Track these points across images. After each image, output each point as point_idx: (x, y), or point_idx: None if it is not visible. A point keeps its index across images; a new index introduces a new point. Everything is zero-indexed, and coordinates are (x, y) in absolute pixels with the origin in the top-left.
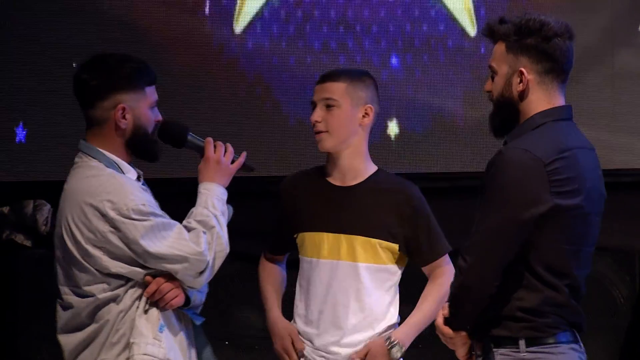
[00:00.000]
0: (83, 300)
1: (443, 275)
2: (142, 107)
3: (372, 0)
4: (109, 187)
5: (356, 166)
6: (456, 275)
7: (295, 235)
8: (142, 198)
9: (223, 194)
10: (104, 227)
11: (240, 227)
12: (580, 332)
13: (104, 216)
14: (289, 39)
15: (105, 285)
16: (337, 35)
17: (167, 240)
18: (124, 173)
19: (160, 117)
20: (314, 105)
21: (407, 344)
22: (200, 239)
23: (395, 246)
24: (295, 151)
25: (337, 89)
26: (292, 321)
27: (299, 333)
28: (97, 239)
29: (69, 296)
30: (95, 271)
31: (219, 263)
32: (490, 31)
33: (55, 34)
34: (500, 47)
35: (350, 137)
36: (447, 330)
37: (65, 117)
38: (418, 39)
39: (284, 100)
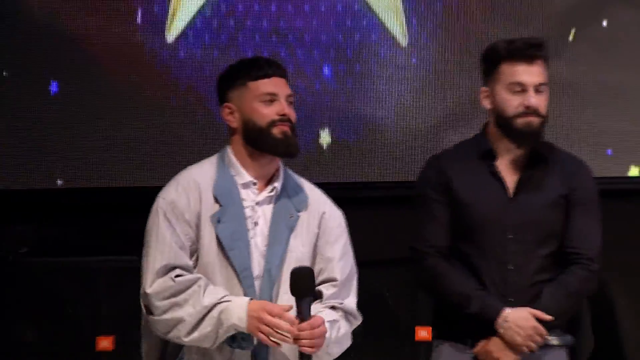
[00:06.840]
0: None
1: None
2: (247, 101)
3: (304, 10)
4: (171, 181)
5: None
6: (590, 280)
7: None
8: (175, 195)
9: (240, 321)
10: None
11: None
12: None
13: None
14: (221, 48)
15: None
16: (269, 45)
17: (146, 250)
18: (232, 175)
19: (285, 110)
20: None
21: None
22: (163, 284)
23: None
24: None
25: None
26: None
27: None
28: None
29: None
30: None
31: (164, 328)
32: (545, 49)
33: None
34: (543, 66)
35: None
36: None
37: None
38: (350, 48)
39: (217, 109)
